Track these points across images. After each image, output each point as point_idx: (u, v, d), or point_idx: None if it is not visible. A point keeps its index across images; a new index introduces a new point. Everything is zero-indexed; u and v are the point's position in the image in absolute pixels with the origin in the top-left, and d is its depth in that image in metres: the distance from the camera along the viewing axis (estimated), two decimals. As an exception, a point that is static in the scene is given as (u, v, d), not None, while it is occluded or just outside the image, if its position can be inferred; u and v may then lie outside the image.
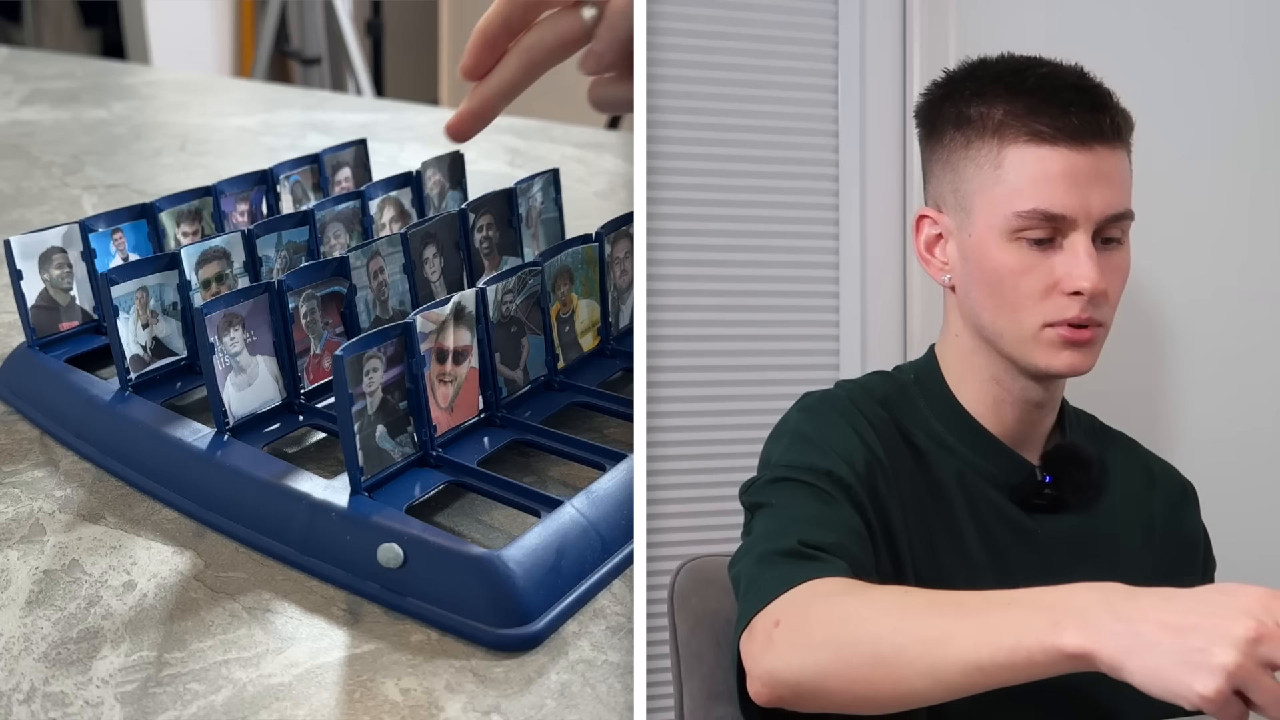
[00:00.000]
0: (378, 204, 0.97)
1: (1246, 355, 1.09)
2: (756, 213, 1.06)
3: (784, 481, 0.62)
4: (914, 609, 0.50)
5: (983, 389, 0.68)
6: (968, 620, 0.49)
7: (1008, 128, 0.64)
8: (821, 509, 0.60)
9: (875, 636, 0.50)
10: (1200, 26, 1.08)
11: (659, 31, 1.03)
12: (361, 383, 0.67)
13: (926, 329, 1.07)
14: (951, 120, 0.67)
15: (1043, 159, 0.63)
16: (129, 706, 0.58)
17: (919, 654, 0.49)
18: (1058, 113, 0.63)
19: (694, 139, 1.05)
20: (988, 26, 1.07)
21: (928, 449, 0.67)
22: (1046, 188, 0.63)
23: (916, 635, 0.49)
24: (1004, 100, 0.65)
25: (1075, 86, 0.65)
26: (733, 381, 1.05)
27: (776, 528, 0.59)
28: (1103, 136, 0.64)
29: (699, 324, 1.05)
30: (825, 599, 0.53)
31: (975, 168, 0.65)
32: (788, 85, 1.07)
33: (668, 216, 1.04)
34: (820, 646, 0.50)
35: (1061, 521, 0.68)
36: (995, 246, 0.64)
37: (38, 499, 0.75)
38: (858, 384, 0.70)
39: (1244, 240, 1.08)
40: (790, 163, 1.07)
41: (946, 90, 0.68)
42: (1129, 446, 0.75)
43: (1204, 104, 1.06)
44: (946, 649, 0.48)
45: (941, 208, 0.68)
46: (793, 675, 0.51)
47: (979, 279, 0.66)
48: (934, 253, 0.69)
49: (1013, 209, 0.63)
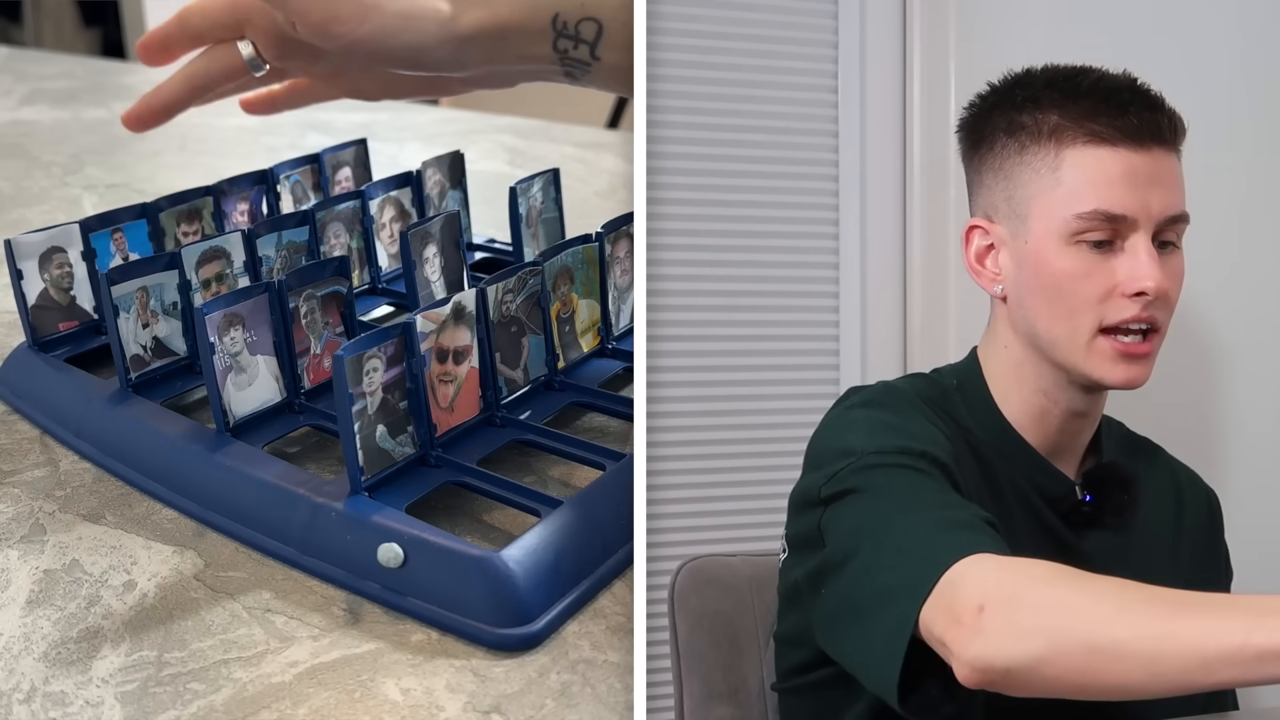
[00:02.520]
0: (378, 204, 0.98)
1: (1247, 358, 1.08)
2: (756, 213, 1.06)
3: (879, 468, 0.59)
4: (1132, 601, 0.49)
5: (1030, 400, 0.67)
6: (1190, 616, 0.48)
7: (1065, 130, 0.64)
8: (936, 486, 0.58)
9: (1091, 628, 0.49)
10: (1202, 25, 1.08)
11: (659, 31, 1.03)
12: (361, 383, 0.67)
13: (927, 329, 1.07)
14: (1003, 128, 0.66)
15: (1101, 160, 0.63)
16: (129, 706, 0.58)
17: (1139, 647, 0.48)
18: (1116, 113, 0.63)
19: (694, 139, 1.05)
20: (987, 27, 1.07)
21: (980, 451, 0.67)
22: (1107, 188, 0.62)
23: (1136, 627, 0.48)
24: (1058, 104, 0.64)
25: (1130, 89, 0.65)
26: (733, 381, 1.05)
27: (898, 506, 0.57)
28: (1160, 138, 0.63)
29: (699, 324, 1.05)
30: (1033, 583, 0.51)
31: (1031, 173, 0.65)
32: (788, 85, 1.07)
33: (668, 216, 1.04)
34: (1034, 634, 0.49)
35: (1098, 537, 0.68)
36: (1054, 251, 0.64)
37: (38, 499, 0.75)
38: (906, 383, 0.69)
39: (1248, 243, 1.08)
40: (790, 163, 1.07)
41: (995, 100, 0.67)
42: (1155, 456, 0.74)
43: (1204, 104, 1.06)
44: (1168, 643, 0.48)
45: (993, 217, 0.67)
46: (1004, 662, 0.50)
47: (1035, 286, 0.65)
48: (985, 264, 0.68)
49: (1072, 211, 0.63)
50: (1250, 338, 1.09)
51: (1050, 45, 1.07)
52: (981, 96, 0.69)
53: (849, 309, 1.08)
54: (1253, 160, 1.08)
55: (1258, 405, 1.09)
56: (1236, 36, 1.08)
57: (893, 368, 1.07)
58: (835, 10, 1.08)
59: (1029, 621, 0.50)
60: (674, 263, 1.04)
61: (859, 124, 1.08)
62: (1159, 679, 0.48)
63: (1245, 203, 1.08)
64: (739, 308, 1.06)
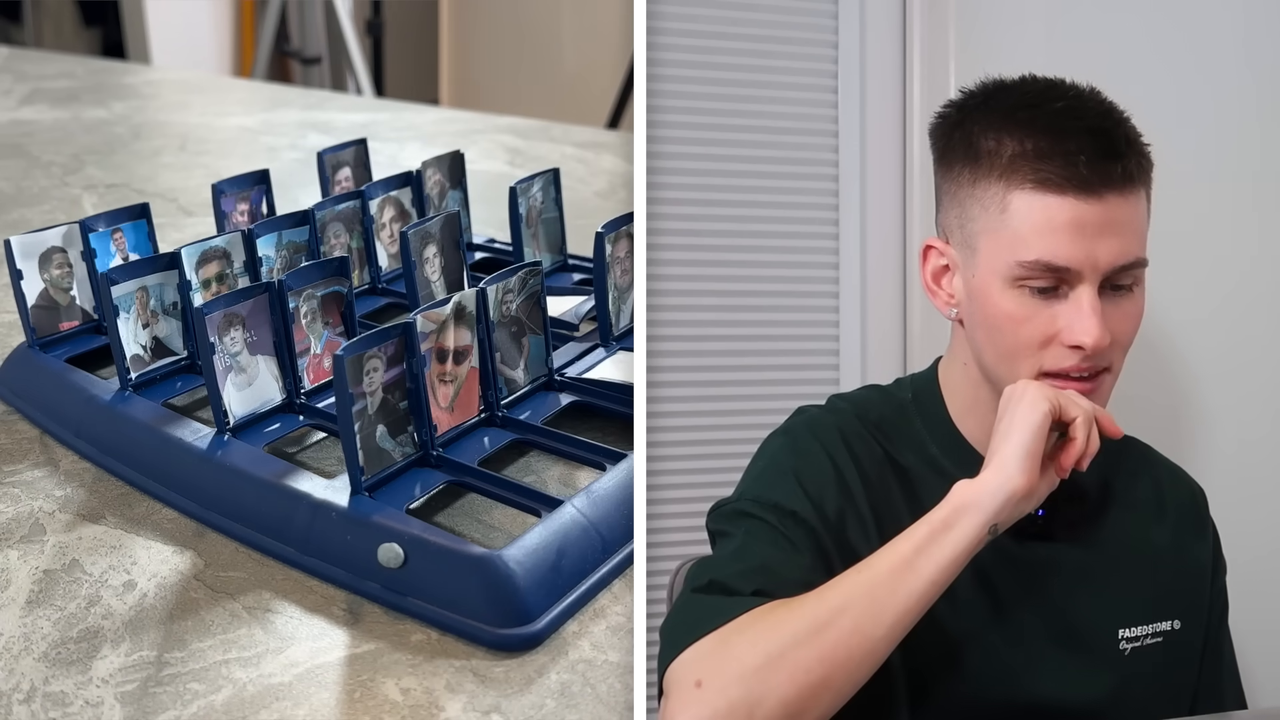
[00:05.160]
0: (378, 204, 0.98)
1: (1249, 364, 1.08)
2: (756, 213, 1.06)
3: (748, 517, 0.61)
4: (806, 599, 0.55)
5: (987, 418, 0.64)
6: (861, 573, 0.55)
7: (1015, 171, 0.61)
8: (774, 553, 0.59)
9: (786, 639, 0.53)
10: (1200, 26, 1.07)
11: (659, 31, 1.03)
12: (362, 382, 0.67)
13: (926, 330, 1.07)
14: (961, 152, 0.64)
15: (1048, 207, 0.60)
16: (129, 706, 0.58)
17: (822, 617, 0.53)
18: (1065, 160, 0.60)
19: (694, 139, 1.05)
20: (987, 27, 1.07)
21: (918, 473, 0.65)
22: (1051, 238, 0.60)
23: (822, 608, 0.54)
24: (1014, 139, 0.62)
25: (1090, 129, 0.61)
26: (733, 381, 1.05)
27: (727, 559, 0.60)
28: (1113, 184, 0.60)
29: (699, 324, 1.05)
30: (730, 645, 0.54)
31: (981, 208, 0.63)
32: (788, 85, 1.07)
33: (668, 216, 1.04)
34: (733, 685, 0.52)
35: (1053, 548, 0.66)
36: (997, 291, 0.62)
37: (38, 499, 0.75)
38: (851, 403, 0.67)
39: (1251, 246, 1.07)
40: (791, 163, 1.07)
41: (960, 117, 0.65)
42: (1138, 461, 0.71)
43: (1204, 105, 1.05)
44: (855, 593, 0.54)
45: (949, 239, 0.65)
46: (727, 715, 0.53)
47: (980, 321, 0.63)
48: (940, 284, 0.66)
49: (1015, 257, 0.61)
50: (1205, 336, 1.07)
51: (1049, 44, 1.07)
52: (952, 104, 0.66)
53: (849, 309, 1.08)
54: (1263, 154, 1.05)
55: (1243, 407, 1.08)
56: (1241, 32, 1.07)
57: (893, 367, 1.07)
58: (835, 10, 1.08)
59: (726, 679, 0.53)
60: (674, 263, 1.04)
61: (859, 124, 1.08)
62: (878, 613, 0.54)
63: (1255, 202, 1.06)
64: (739, 308, 1.06)
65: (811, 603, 0.54)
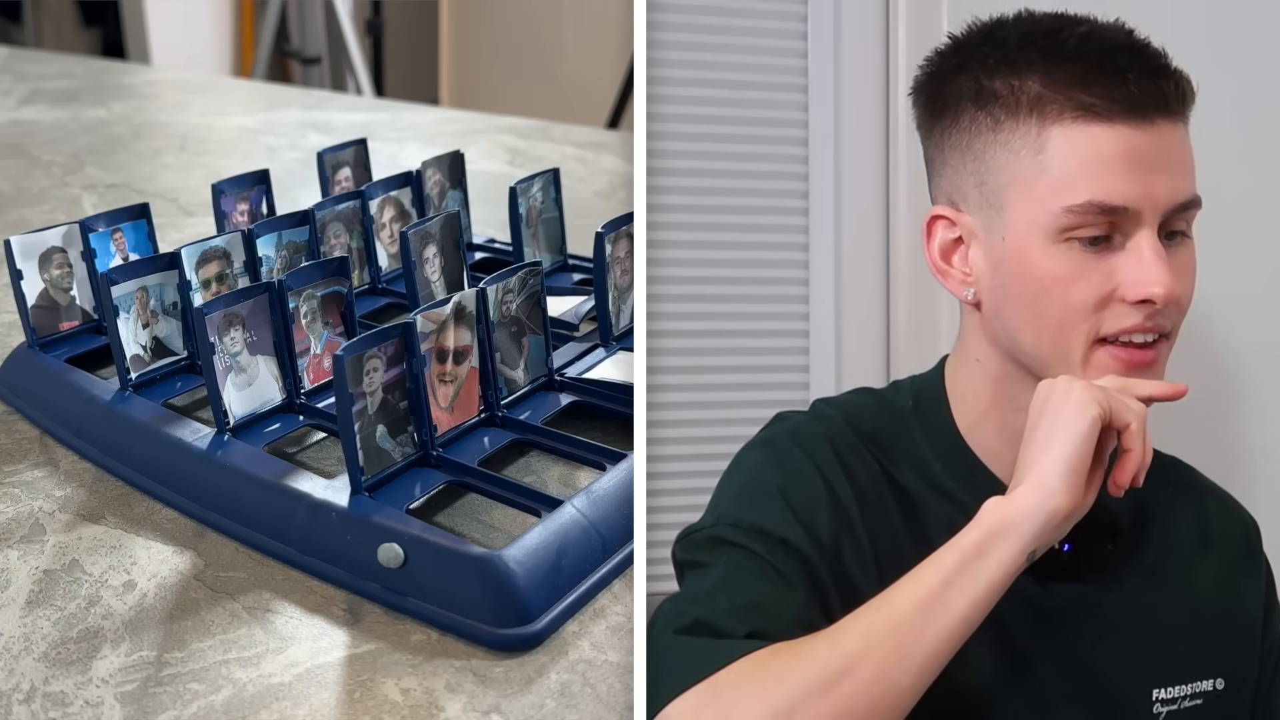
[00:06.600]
0: (378, 204, 0.98)
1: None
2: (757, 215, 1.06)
3: (728, 545, 0.53)
4: (815, 642, 0.47)
5: (1006, 422, 0.56)
6: (881, 610, 0.47)
7: (1049, 102, 0.53)
8: (765, 588, 0.51)
9: (795, 692, 0.46)
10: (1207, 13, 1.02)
11: (659, 30, 1.03)
12: (362, 383, 0.67)
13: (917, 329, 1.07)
14: (971, 97, 0.55)
15: (1096, 140, 0.52)
16: (129, 706, 0.58)
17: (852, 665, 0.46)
18: (1113, 81, 0.52)
19: (694, 139, 1.05)
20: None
21: (919, 495, 0.57)
22: (1103, 175, 0.52)
23: (837, 654, 0.47)
24: (1039, 68, 0.53)
25: (1128, 47, 0.53)
26: (733, 383, 1.05)
27: (710, 594, 0.51)
28: (1166, 108, 0.52)
29: (699, 324, 1.05)
30: (731, 688, 0.47)
31: (1009, 154, 0.54)
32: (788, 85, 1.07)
33: (668, 215, 1.04)
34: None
35: (1080, 590, 0.57)
36: (1039, 251, 0.53)
37: (38, 499, 0.75)
38: (841, 410, 0.59)
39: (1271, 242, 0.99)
40: (792, 161, 1.07)
41: (960, 60, 0.56)
42: (1181, 483, 0.62)
43: (1216, 94, 1.01)
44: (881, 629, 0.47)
45: (961, 206, 0.56)
46: None
47: (1017, 292, 0.54)
48: (952, 262, 0.57)
49: (1061, 203, 0.52)
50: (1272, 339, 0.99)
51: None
52: (941, 53, 0.57)
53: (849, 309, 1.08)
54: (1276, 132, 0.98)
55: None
56: (1245, 26, 1.01)
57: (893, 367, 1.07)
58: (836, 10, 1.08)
59: None
60: (674, 263, 1.04)
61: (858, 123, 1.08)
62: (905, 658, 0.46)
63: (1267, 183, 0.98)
64: (740, 308, 1.06)
65: (823, 648, 0.47)
